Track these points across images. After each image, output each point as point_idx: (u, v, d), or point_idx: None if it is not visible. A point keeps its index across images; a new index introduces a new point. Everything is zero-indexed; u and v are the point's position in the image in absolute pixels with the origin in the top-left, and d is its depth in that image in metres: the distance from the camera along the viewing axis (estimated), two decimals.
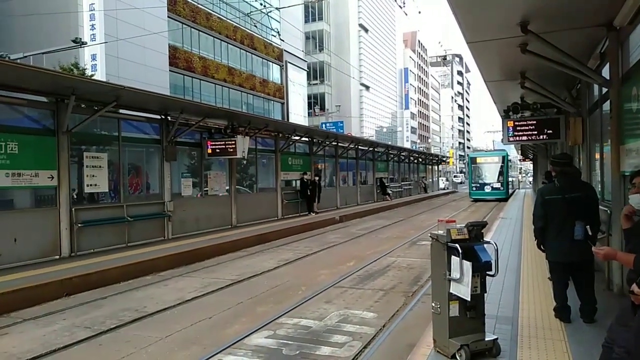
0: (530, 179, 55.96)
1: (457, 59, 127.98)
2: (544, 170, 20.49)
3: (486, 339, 4.01)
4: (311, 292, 7.26)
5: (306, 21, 51.50)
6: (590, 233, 4.68)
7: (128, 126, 11.37)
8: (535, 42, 6.35)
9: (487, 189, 29.24)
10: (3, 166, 8.18)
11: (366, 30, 66.61)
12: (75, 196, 10.04)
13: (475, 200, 29.35)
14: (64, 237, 9.24)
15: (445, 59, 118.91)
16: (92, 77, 17.82)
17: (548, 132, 10.30)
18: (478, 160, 31.10)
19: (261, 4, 30.77)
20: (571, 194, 4.80)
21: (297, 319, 5.90)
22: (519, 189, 46.87)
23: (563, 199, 4.82)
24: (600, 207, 5.12)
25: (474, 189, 30.08)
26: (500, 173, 29.30)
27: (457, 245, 3.88)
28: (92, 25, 22.27)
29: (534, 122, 10.44)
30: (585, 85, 8.85)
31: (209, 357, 4.72)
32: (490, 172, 29.58)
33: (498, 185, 29.09)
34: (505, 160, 29.87)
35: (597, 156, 8.01)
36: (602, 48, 6.83)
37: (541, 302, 5.67)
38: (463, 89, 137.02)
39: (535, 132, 10.44)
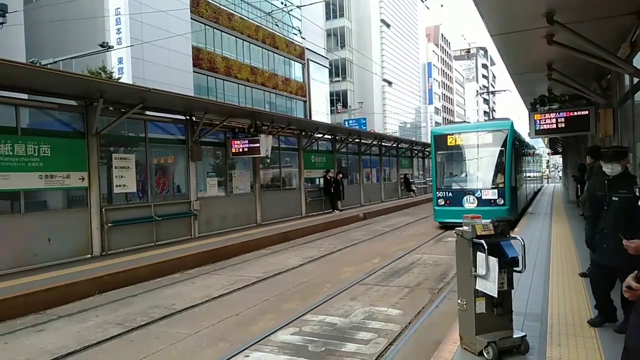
0: (560, 173, 54.62)
1: (481, 52, 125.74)
2: (575, 164, 19.98)
3: (514, 336, 3.95)
4: (336, 289, 7.28)
5: (327, 18, 51.45)
6: None
7: (154, 127, 11.60)
8: (562, 33, 6.21)
9: (469, 203, 13.72)
10: (37, 168, 8.47)
11: (388, 26, 66.09)
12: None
13: (444, 226, 14.16)
14: (95, 236, 9.51)
15: (469, 52, 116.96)
16: (119, 80, 18.24)
17: (577, 124, 10.06)
18: (450, 140, 14.47)
19: (282, 3, 30.84)
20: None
21: (323, 315, 5.93)
22: (547, 184, 45.57)
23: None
24: None
25: (441, 202, 14.38)
26: (499, 167, 13.66)
27: (482, 241, 3.83)
28: (118, 29, 22.80)
29: (563, 114, 10.21)
30: (615, 76, 8.61)
31: (236, 353, 4.79)
32: (475, 166, 14.27)
33: (492, 194, 13.57)
34: (508, 139, 13.57)
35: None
36: (632, 37, 6.62)
37: (571, 298, 5.54)
38: (488, 82, 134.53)
39: (564, 125, 10.22)
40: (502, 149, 13.62)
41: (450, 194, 14.23)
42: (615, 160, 4.36)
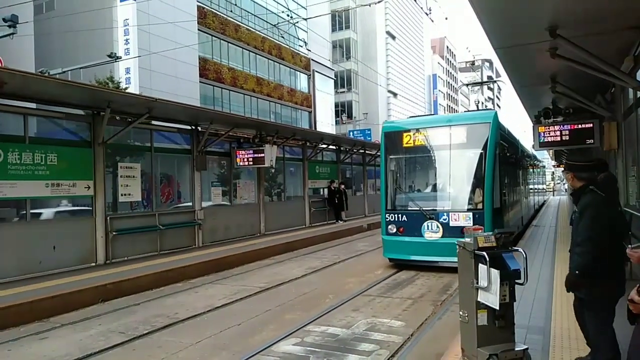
0: (566, 185, 54.43)
1: (487, 64, 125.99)
2: None
3: (516, 349, 3.94)
4: (339, 300, 7.27)
5: (333, 30, 51.81)
6: None
7: (160, 137, 11.69)
8: (565, 46, 6.24)
9: (430, 232, 9.25)
10: (43, 177, 8.55)
11: (393, 38, 66.45)
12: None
13: (397, 264, 9.93)
14: (100, 245, 9.55)
15: (474, 64, 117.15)
16: (126, 90, 18.40)
17: (581, 137, 10.06)
18: (407, 139, 9.94)
19: (288, 15, 31.14)
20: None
21: (325, 326, 5.92)
22: (552, 196, 45.33)
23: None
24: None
25: (392, 229, 9.72)
26: (477, 179, 9.25)
27: (484, 253, 3.84)
28: (126, 40, 23.06)
29: (567, 126, 10.22)
30: (619, 89, 8.62)
31: None
32: (443, 177, 9.92)
33: (465, 218, 8.96)
34: (490, 138, 9.13)
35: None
36: (635, 51, 6.65)
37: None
38: (494, 94, 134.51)
39: (568, 137, 10.21)
40: (482, 151, 9.19)
41: (404, 218, 9.73)
42: (564, 171, 3.90)
